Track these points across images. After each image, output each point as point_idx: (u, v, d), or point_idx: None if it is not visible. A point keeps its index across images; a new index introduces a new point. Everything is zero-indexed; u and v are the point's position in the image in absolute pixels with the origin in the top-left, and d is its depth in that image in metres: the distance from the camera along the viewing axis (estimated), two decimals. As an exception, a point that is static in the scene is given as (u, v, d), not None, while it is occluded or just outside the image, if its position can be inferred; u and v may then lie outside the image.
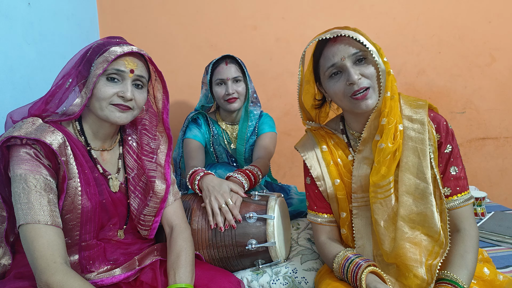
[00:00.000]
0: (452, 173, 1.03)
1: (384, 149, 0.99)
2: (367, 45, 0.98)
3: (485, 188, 2.49)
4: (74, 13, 1.85)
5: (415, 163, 1.00)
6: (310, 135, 1.21)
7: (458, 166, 1.04)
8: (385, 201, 1.02)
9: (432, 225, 0.97)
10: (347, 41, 1.00)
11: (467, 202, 1.02)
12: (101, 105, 0.99)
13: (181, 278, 0.98)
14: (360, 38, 0.98)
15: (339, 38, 1.01)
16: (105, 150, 1.09)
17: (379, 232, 1.02)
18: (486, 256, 1.13)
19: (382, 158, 1.00)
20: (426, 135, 1.00)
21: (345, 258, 1.01)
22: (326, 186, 1.13)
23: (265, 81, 2.29)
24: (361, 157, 1.08)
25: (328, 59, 1.02)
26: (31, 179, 0.88)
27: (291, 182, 2.25)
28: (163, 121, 1.16)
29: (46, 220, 0.88)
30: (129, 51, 0.99)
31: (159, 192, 1.11)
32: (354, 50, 0.99)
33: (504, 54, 2.40)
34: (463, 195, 1.02)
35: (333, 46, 1.01)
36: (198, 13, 2.19)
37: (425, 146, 1.00)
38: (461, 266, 0.94)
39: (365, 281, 0.93)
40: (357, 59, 1.00)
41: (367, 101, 0.99)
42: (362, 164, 1.08)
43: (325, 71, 1.04)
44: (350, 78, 0.98)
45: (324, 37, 1.01)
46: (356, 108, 1.01)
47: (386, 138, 1.00)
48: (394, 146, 0.99)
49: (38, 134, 0.90)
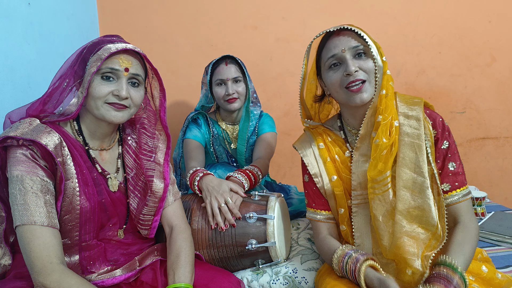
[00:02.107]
0: (451, 169, 1.05)
1: (380, 145, 1.02)
2: (368, 41, 1.01)
3: (485, 188, 2.49)
4: (74, 13, 1.85)
5: (412, 158, 1.02)
6: (308, 133, 1.24)
7: (456, 162, 1.05)
8: (383, 196, 1.03)
9: (430, 218, 0.98)
10: (350, 34, 1.04)
11: (465, 197, 1.03)
12: (96, 104, 0.99)
13: (180, 278, 0.98)
14: (362, 34, 1.02)
15: (342, 31, 1.05)
16: (104, 150, 1.09)
17: (378, 227, 1.04)
18: (485, 255, 1.14)
19: (378, 154, 1.02)
20: (422, 131, 1.03)
21: (343, 254, 1.02)
22: (324, 183, 1.15)
23: (265, 81, 2.29)
24: (359, 154, 1.10)
25: (329, 50, 1.06)
26: (28, 181, 0.88)
27: (291, 182, 2.25)
28: (160, 119, 1.16)
29: (42, 221, 0.87)
30: (122, 48, 0.98)
31: (157, 191, 1.11)
32: (355, 43, 1.03)
33: (504, 54, 2.40)
34: (461, 190, 1.04)
35: (335, 38, 1.06)
36: (198, 13, 2.19)
37: (421, 141, 1.02)
38: (458, 253, 0.95)
39: (363, 273, 0.94)
40: (357, 52, 1.03)
41: (362, 94, 1.02)
42: (360, 161, 1.10)
43: (325, 61, 1.07)
44: (347, 69, 1.01)
45: (329, 30, 1.05)
46: (351, 100, 1.04)
47: (381, 134, 1.02)
48: (390, 141, 1.02)
49: (34, 135, 0.90)
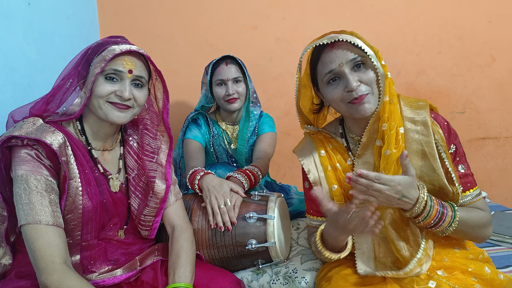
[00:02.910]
0: (461, 171, 1.05)
1: (390, 156, 0.97)
2: (366, 50, 0.96)
3: (485, 188, 2.49)
4: (74, 13, 1.85)
5: (418, 166, 1.00)
6: (309, 140, 1.20)
7: (464, 164, 1.06)
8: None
9: None
10: (345, 46, 0.98)
11: (478, 197, 1.04)
12: (98, 102, 0.99)
13: (180, 278, 0.99)
14: (358, 43, 0.96)
15: (336, 43, 0.99)
16: (106, 150, 1.10)
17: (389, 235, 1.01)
18: (486, 256, 1.13)
19: (388, 165, 0.98)
20: (432, 137, 1.00)
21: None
22: (323, 192, 1.11)
23: (265, 81, 2.29)
24: (362, 162, 1.07)
25: (326, 65, 1.00)
26: (32, 180, 0.89)
27: (291, 182, 2.25)
28: (163, 120, 1.16)
29: (47, 220, 0.88)
30: (126, 49, 0.99)
31: (159, 193, 1.11)
32: (352, 55, 0.97)
33: (504, 54, 2.40)
34: (473, 190, 1.05)
35: (330, 52, 1.00)
36: (198, 13, 2.19)
37: (432, 149, 0.99)
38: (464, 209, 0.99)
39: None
40: (355, 64, 0.98)
41: (364, 105, 0.98)
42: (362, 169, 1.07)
43: (322, 77, 1.02)
44: (348, 85, 0.96)
45: (321, 42, 0.99)
46: (354, 113, 1.00)
47: (389, 144, 0.98)
48: (398, 151, 0.97)
49: (39, 134, 0.90)
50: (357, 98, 0.97)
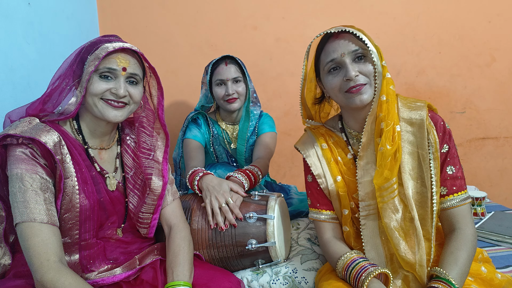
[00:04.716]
0: (449, 173, 1.03)
1: (384, 152, 1.00)
2: (368, 45, 0.99)
3: (485, 188, 2.49)
4: (74, 13, 1.85)
5: (414, 167, 1.02)
6: (310, 134, 1.22)
7: (455, 166, 1.04)
8: (392, 203, 1.01)
9: (428, 226, 0.99)
10: (349, 37, 1.01)
11: (464, 201, 1.02)
12: (94, 101, 0.99)
13: (178, 276, 0.99)
14: (362, 37, 0.99)
15: (341, 34, 1.02)
16: (103, 149, 1.10)
17: (391, 236, 1.01)
18: (485, 256, 1.13)
19: (384, 161, 1.00)
20: (426, 139, 1.01)
21: (351, 259, 1.01)
22: (328, 184, 1.13)
23: (265, 81, 2.29)
24: (364, 163, 1.07)
25: (328, 54, 1.03)
26: (27, 178, 0.89)
27: (291, 182, 2.25)
28: (159, 117, 1.16)
29: (42, 218, 0.88)
30: (120, 47, 0.99)
31: (156, 189, 1.11)
32: (354, 47, 1.00)
33: (504, 54, 2.40)
34: (459, 194, 1.02)
35: (334, 41, 1.03)
36: (198, 13, 2.19)
37: (424, 151, 1.01)
38: (451, 263, 0.95)
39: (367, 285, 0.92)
40: (356, 56, 1.01)
41: (361, 96, 1.00)
42: (366, 171, 1.07)
43: (324, 65, 1.05)
44: (347, 74, 0.99)
45: (329, 31, 1.03)
46: (351, 102, 1.02)
47: (385, 140, 1.00)
48: (393, 148, 0.99)
49: (34, 133, 0.91)
50: (355, 87, 1.00)
